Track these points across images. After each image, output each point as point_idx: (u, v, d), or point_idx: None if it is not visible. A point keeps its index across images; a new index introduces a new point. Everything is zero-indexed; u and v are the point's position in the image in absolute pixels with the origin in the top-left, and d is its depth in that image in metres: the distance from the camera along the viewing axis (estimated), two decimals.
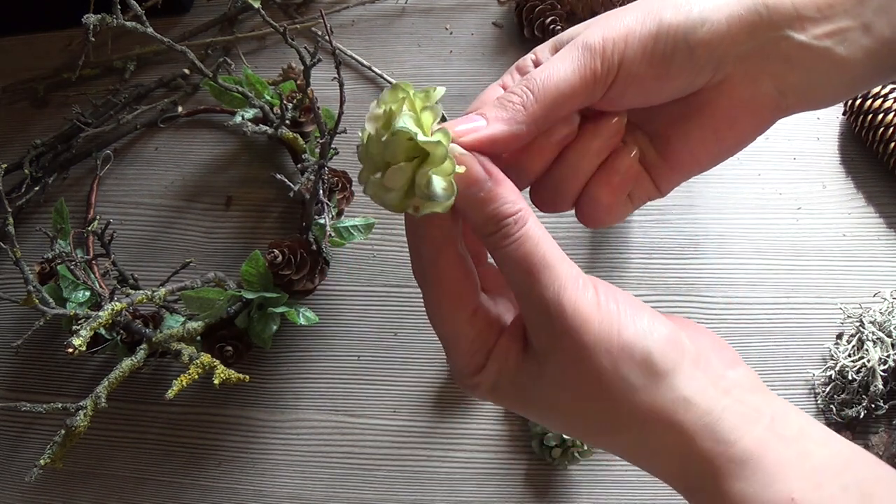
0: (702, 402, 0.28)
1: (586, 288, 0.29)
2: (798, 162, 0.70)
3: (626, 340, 0.28)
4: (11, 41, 0.85)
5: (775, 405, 0.30)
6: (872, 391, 0.59)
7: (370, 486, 0.63)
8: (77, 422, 0.54)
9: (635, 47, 0.30)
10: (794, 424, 0.29)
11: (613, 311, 0.29)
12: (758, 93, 0.32)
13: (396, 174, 0.28)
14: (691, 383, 0.28)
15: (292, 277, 0.61)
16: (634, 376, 0.28)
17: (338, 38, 0.80)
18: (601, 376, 0.28)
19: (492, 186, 0.28)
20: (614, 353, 0.28)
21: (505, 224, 0.28)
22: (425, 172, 0.27)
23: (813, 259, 0.66)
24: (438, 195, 0.27)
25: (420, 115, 0.28)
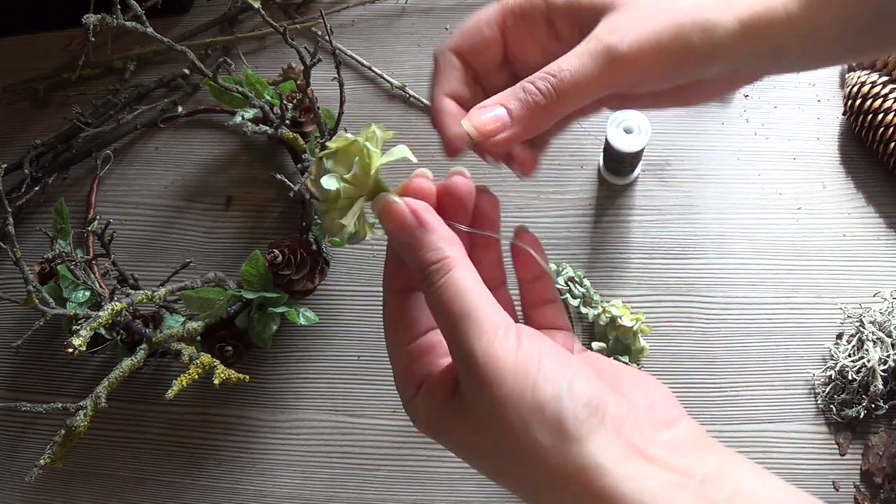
0: (617, 470, 0.27)
1: (506, 338, 0.28)
2: (798, 162, 0.70)
3: (538, 400, 0.27)
4: (11, 41, 0.85)
5: (711, 464, 0.27)
6: (872, 391, 0.59)
7: (370, 486, 0.63)
8: (77, 422, 0.54)
9: (663, 64, 0.32)
10: (730, 484, 0.27)
11: (532, 367, 0.28)
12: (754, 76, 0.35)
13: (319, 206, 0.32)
14: (607, 450, 0.27)
15: (292, 277, 0.61)
16: (544, 437, 0.27)
17: (338, 38, 0.80)
18: (512, 433, 0.27)
19: (419, 234, 0.30)
20: (525, 411, 0.27)
21: (429, 271, 0.29)
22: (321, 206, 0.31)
23: (813, 259, 0.66)
24: (329, 231, 0.31)
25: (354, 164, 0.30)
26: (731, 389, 0.63)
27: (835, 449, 0.61)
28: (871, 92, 0.67)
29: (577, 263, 0.67)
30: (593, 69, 0.31)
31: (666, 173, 0.71)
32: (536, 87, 0.31)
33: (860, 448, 0.60)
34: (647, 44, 0.31)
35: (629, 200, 0.70)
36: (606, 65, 0.31)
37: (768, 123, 0.71)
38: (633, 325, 0.61)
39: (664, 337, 0.65)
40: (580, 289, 0.64)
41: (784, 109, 0.72)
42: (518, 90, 0.32)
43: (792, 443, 0.61)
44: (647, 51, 0.31)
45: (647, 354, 0.62)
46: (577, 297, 0.64)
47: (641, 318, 0.62)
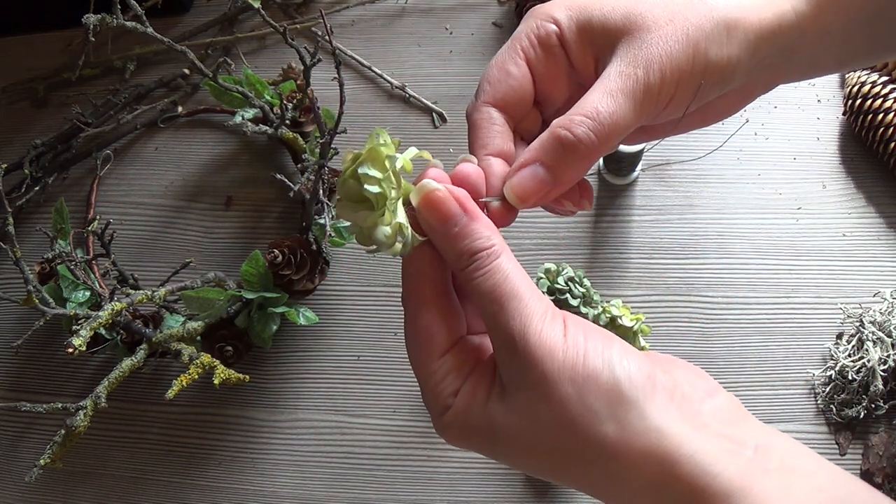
0: (676, 434, 0.27)
1: (555, 320, 0.29)
2: (798, 162, 0.70)
3: (591, 370, 0.27)
4: (11, 41, 0.85)
5: (757, 435, 0.28)
6: (872, 391, 0.59)
7: (370, 486, 0.63)
8: (77, 422, 0.54)
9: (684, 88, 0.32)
10: (777, 455, 0.28)
11: (581, 342, 0.28)
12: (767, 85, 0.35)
13: (345, 210, 0.30)
14: (664, 415, 0.27)
15: (292, 277, 0.61)
16: (601, 405, 0.27)
17: (338, 38, 0.80)
18: (567, 405, 0.27)
19: (466, 222, 0.29)
20: (579, 381, 0.27)
21: (478, 257, 0.29)
22: (369, 217, 0.29)
23: (813, 259, 0.66)
24: (380, 240, 0.29)
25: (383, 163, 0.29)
26: (731, 389, 0.62)
27: (835, 449, 0.61)
28: (871, 92, 0.67)
29: (577, 263, 0.67)
30: (629, 108, 0.30)
31: (666, 173, 0.71)
32: (575, 135, 0.30)
33: (860, 448, 0.60)
34: (669, 70, 0.31)
35: (629, 200, 0.70)
36: (640, 100, 0.31)
37: (768, 123, 0.71)
38: (633, 325, 0.61)
39: (664, 337, 0.65)
40: (580, 289, 0.64)
41: (784, 109, 0.72)
42: (554, 142, 0.31)
43: None
44: (670, 77, 0.31)
45: None
46: (577, 297, 0.64)
47: (641, 318, 0.62)
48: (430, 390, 0.31)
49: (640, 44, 0.31)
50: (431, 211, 0.30)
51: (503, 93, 0.33)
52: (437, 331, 0.31)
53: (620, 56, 0.31)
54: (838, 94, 0.73)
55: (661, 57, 0.31)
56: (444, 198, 0.29)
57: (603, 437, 0.27)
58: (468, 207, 0.30)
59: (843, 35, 0.35)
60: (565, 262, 0.67)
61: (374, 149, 0.29)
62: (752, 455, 0.27)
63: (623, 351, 0.29)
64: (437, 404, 0.30)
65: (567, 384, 0.27)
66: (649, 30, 0.31)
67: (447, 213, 0.29)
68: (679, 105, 0.32)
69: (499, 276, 0.29)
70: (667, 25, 0.31)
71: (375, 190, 0.29)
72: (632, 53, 0.31)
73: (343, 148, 0.70)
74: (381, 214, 0.29)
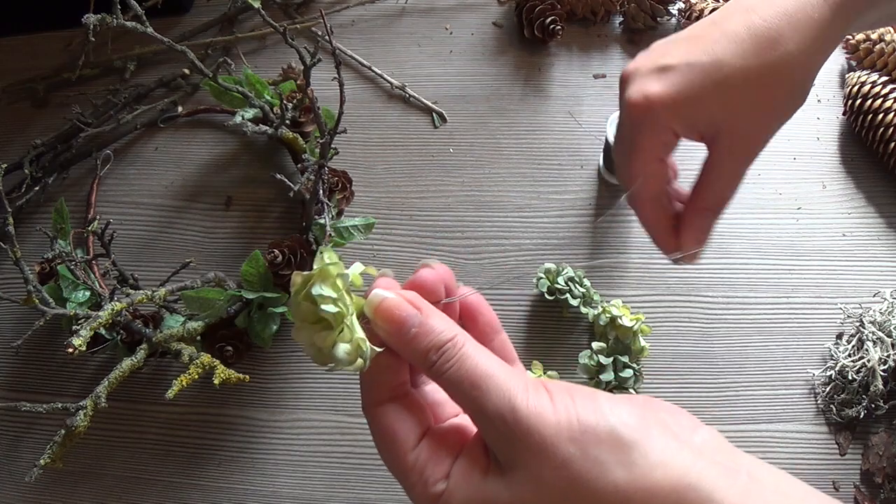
0: (680, 464, 0.28)
1: (538, 390, 0.29)
2: (798, 162, 0.70)
3: (587, 425, 0.28)
4: (11, 41, 0.85)
5: (746, 463, 0.29)
6: (872, 391, 0.59)
7: (370, 486, 0.63)
8: (77, 422, 0.54)
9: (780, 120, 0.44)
10: (770, 481, 0.29)
11: (569, 403, 0.29)
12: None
13: (301, 332, 0.30)
14: (665, 449, 0.28)
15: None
16: (605, 455, 0.28)
17: (338, 38, 0.80)
18: (571, 465, 0.28)
19: (422, 320, 0.30)
20: (578, 438, 0.28)
21: (443, 350, 0.29)
22: (328, 337, 0.29)
23: (813, 259, 0.66)
24: (340, 359, 0.29)
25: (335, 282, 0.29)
26: (731, 389, 0.63)
27: (835, 449, 0.61)
28: (871, 92, 0.67)
29: (577, 263, 0.67)
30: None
31: None
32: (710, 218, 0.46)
33: (860, 448, 0.60)
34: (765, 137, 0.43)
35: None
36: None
37: None
38: (633, 325, 0.61)
39: (664, 337, 0.65)
40: (580, 289, 0.64)
41: None
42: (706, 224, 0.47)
43: (792, 443, 0.61)
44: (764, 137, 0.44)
45: (647, 354, 0.62)
46: (577, 297, 0.64)
47: (641, 318, 0.62)
48: (414, 484, 0.30)
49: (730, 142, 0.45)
50: (387, 319, 0.30)
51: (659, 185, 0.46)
52: (401, 427, 0.31)
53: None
54: (838, 94, 0.73)
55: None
56: (396, 303, 0.30)
57: (614, 484, 0.27)
58: (421, 306, 0.30)
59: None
60: (565, 262, 0.67)
61: (324, 269, 0.29)
62: (747, 480, 0.28)
63: (610, 401, 0.29)
64: (425, 494, 0.30)
65: (567, 444, 0.28)
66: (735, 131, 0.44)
67: (402, 317, 0.30)
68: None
69: (469, 361, 0.29)
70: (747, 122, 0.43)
71: (332, 310, 0.29)
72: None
73: (343, 148, 0.70)
74: (340, 332, 0.29)
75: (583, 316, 0.64)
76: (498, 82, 0.77)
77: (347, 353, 0.29)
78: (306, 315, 0.30)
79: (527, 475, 0.28)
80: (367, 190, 0.72)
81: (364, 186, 0.72)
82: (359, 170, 0.73)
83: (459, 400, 0.30)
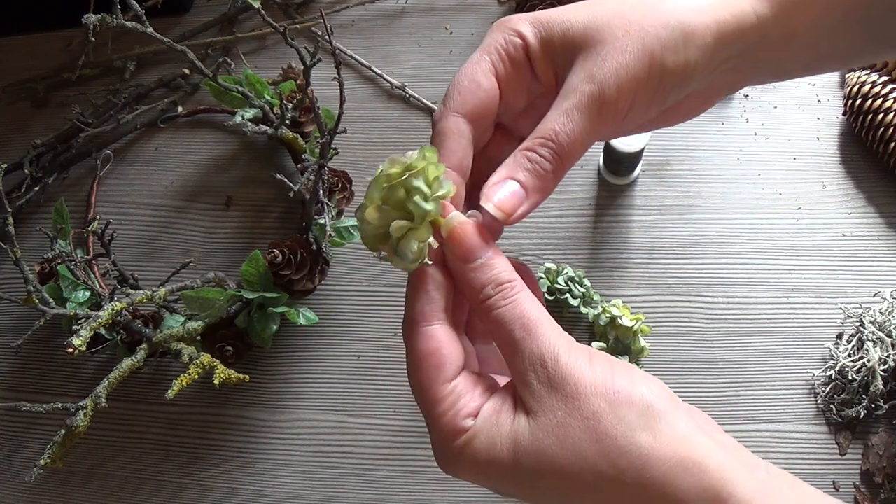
0: (703, 444, 0.28)
1: (580, 349, 0.30)
2: (798, 162, 0.70)
3: (620, 387, 0.29)
4: (11, 41, 0.85)
5: (763, 462, 0.30)
6: (872, 391, 0.59)
7: (370, 486, 0.63)
8: (77, 422, 0.54)
9: (644, 96, 0.32)
10: (786, 480, 0.29)
11: (606, 367, 0.30)
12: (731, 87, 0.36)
13: (379, 213, 0.31)
14: (690, 427, 0.29)
15: (292, 277, 0.61)
16: (633, 417, 0.28)
17: (338, 38, 0.80)
18: (600, 418, 0.28)
19: (492, 255, 0.31)
20: (611, 396, 0.28)
21: (503, 287, 0.31)
22: (403, 228, 0.30)
23: (813, 259, 0.66)
24: (406, 255, 0.31)
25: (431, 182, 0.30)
26: (731, 389, 0.63)
27: (835, 449, 0.61)
28: (871, 92, 0.67)
29: (577, 263, 0.67)
30: (585, 124, 0.32)
31: (666, 173, 0.71)
32: (541, 156, 0.32)
33: (860, 448, 0.60)
34: (625, 82, 0.32)
35: (629, 200, 0.70)
36: (597, 115, 0.32)
37: (768, 123, 0.71)
38: (633, 325, 0.61)
39: (664, 337, 0.65)
40: (580, 289, 0.64)
41: (784, 109, 0.72)
42: (523, 160, 0.32)
43: (792, 443, 0.61)
44: (627, 89, 0.32)
45: (647, 354, 0.62)
46: (577, 297, 0.64)
47: (641, 318, 0.62)
48: (443, 413, 0.30)
49: (596, 58, 0.32)
50: (460, 242, 0.31)
51: (473, 104, 0.34)
52: (448, 352, 0.31)
53: (577, 72, 0.32)
54: (838, 94, 0.73)
55: (616, 70, 0.31)
56: (472, 231, 0.31)
57: (637, 445, 0.28)
58: (490, 243, 0.32)
59: (809, 39, 0.34)
60: (565, 262, 0.67)
61: (428, 166, 0.30)
62: (765, 476, 0.29)
63: (645, 377, 0.30)
64: (451, 428, 0.30)
65: (600, 398, 0.28)
66: (605, 43, 0.32)
67: (475, 245, 0.31)
68: (639, 113, 0.33)
69: (524, 305, 0.30)
70: (623, 38, 0.32)
71: (427, 207, 0.30)
72: (587, 69, 0.32)
73: (343, 148, 0.70)
74: (416, 229, 0.30)
75: (583, 316, 0.64)
76: None
77: (413, 252, 0.30)
78: (395, 201, 0.30)
79: (553, 421, 0.29)
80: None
81: (364, 186, 0.72)
82: (359, 170, 0.73)
83: (504, 339, 0.30)
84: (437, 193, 0.30)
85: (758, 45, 0.34)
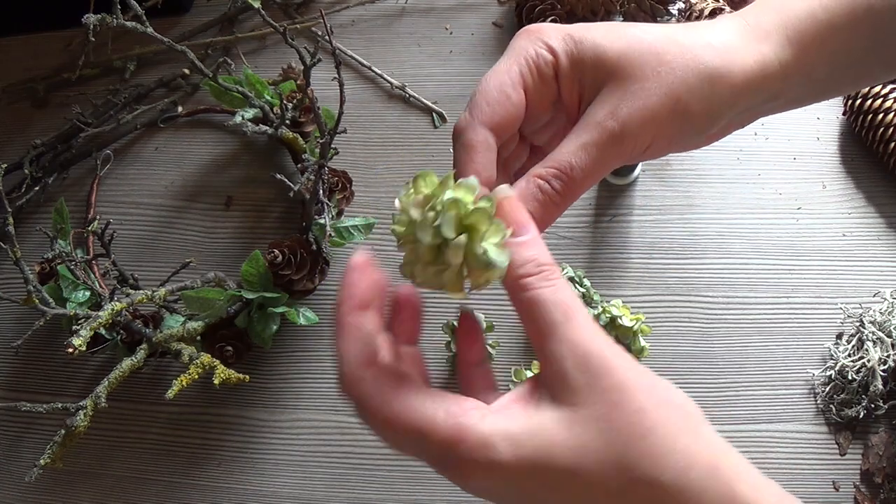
0: (732, 456, 0.28)
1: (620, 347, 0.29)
2: (798, 162, 0.70)
3: (663, 386, 0.29)
4: (11, 41, 0.85)
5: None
6: (872, 391, 0.59)
7: (370, 486, 0.63)
8: (77, 422, 0.54)
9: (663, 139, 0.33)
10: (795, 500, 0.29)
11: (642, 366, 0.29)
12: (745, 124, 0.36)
13: (454, 250, 0.28)
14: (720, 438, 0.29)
15: (292, 277, 0.61)
16: (676, 417, 0.28)
17: (338, 38, 0.80)
18: (646, 415, 0.27)
19: (535, 233, 0.30)
20: (654, 393, 0.28)
21: (545, 269, 0.29)
22: (477, 242, 0.28)
23: (813, 259, 0.66)
24: (497, 261, 0.28)
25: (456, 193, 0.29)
26: (731, 389, 0.63)
27: (835, 449, 0.61)
28: (871, 92, 0.67)
29: (577, 263, 0.67)
30: (602, 161, 0.32)
31: (666, 173, 0.71)
32: (552, 187, 0.32)
33: (860, 448, 0.60)
34: (648, 124, 0.32)
35: (629, 200, 0.70)
36: (615, 154, 0.32)
37: (768, 123, 0.71)
38: (633, 325, 0.61)
39: (664, 337, 0.65)
40: (580, 289, 0.64)
41: None
42: (535, 190, 0.32)
43: (792, 443, 0.61)
44: (648, 131, 0.32)
45: (647, 354, 0.62)
46: None
47: (641, 318, 0.62)
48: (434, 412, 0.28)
49: (623, 94, 0.32)
50: (510, 213, 0.30)
51: (501, 117, 0.33)
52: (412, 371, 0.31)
53: (602, 104, 0.32)
54: None
55: (641, 112, 0.31)
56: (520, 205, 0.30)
57: (684, 446, 0.27)
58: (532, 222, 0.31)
59: (826, 74, 0.35)
60: (565, 262, 0.67)
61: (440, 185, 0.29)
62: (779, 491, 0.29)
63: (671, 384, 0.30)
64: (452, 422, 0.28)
65: (646, 395, 0.27)
66: (634, 80, 0.32)
67: (523, 220, 0.30)
68: (656, 151, 0.33)
69: (568, 291, 0.29)
70: (653, 78, 0.32)
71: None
72: (613, 104, 0.32)
73: (343, 148, 0.70)
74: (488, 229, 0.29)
75: None
76: None
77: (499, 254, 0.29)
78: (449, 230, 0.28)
79: (594, 415, 0.27)
80: (367, 190, 0.72)
81: (364, 186, 0.72)
82: (359, 170, 0.73)
83: (539, 321, 0.29)
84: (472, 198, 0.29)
85: (779, 90, 0.34)
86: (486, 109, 0.32)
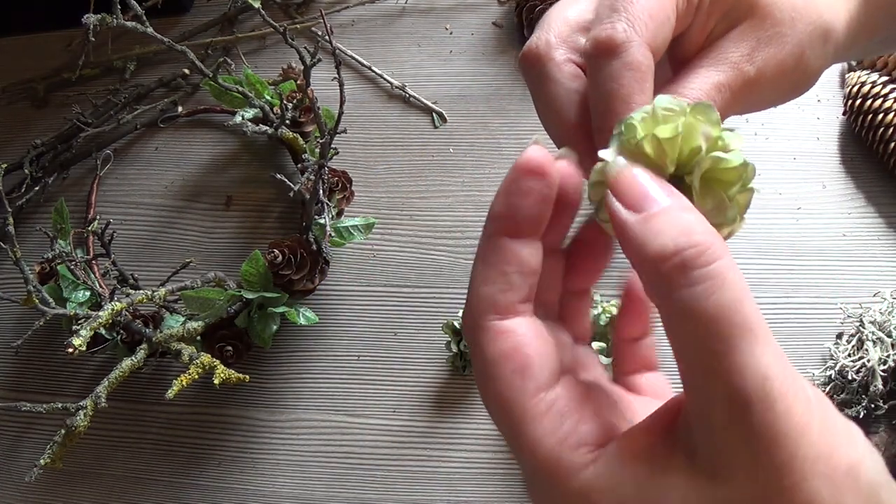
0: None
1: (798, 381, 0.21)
2: (798, 162, 0.70)
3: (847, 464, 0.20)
4: (11, 41, 0.85)
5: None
6: (872, 391, 0.59)
7: (370, 486, 0.63)
8: (77, 422, 0.54)
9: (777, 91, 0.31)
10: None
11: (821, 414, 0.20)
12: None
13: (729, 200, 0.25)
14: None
15: (292, 277, 0.61)
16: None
17: (338, 38, 0.80)
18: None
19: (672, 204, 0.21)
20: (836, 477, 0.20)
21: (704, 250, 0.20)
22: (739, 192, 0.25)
23: (813, 259, 0.66)
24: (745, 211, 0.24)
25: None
26: None
27: None
28: (871, 92, 0.67)
29: None
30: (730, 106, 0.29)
31: None
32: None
33: None
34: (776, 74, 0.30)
35: None
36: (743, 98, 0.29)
37: (768, 123, 0.71)
38: None
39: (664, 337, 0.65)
40: None
41: (784, 109, 0.72)
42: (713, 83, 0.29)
43: None
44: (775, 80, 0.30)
45: None
46: None
47: None
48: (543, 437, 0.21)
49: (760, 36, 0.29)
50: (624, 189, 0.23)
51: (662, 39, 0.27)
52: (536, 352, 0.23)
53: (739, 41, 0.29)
54: (838, 94, 0.72)
55: (776, 60, 0.29)
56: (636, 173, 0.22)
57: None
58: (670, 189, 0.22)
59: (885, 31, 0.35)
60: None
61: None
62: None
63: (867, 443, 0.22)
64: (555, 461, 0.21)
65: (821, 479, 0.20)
66: (774, 22, 0.29)
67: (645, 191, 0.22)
68: (765, 103, 0.32)
69: (728, 293, 0.20)
70: (789, 24, 0.29)
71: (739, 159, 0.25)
72: (751, 45, 0.29)
73: (343, 148, 0.70)
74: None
75: None
76: (498, 82, 0.77)
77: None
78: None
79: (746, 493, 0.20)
80: (367, 190, 0.72)
81: (364, 186, 0.72)
82: (359, 170, 0.73)
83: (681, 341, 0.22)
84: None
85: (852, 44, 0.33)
86: (651, 26, 0.26)
